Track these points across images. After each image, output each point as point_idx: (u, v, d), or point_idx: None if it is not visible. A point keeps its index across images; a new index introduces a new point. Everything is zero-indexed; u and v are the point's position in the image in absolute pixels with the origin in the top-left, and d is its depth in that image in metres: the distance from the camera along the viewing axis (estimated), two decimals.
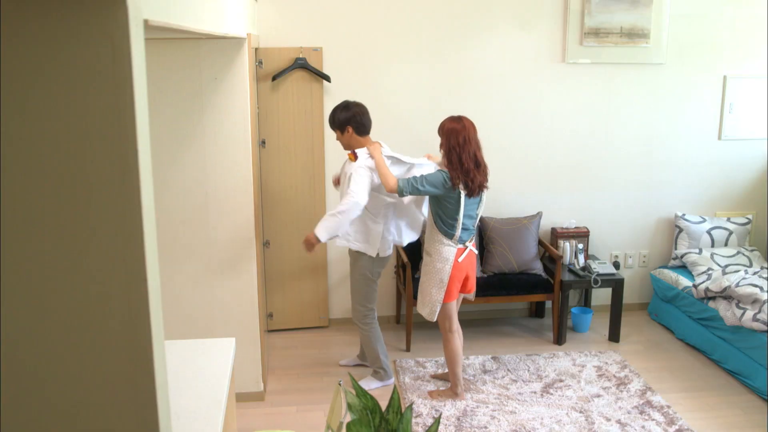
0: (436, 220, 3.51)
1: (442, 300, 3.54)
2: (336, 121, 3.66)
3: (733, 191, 5.05)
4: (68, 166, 1.04)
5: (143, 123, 1.08)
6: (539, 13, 4.59)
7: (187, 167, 3.46)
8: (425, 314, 3.61)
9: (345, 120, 3.63)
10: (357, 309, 3.84)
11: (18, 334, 1.07)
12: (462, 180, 3.39)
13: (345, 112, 3.63)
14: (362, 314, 3.83)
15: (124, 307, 1.08)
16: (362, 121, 3.64)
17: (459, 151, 3.39)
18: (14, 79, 1.00)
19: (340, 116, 3.64)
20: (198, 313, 3.62)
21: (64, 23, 1.00)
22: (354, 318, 3.89)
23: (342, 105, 3.67)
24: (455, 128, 3.42)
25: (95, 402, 1.11)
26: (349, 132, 3.63)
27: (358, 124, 3.63)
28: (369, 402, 2.11)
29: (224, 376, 2.32)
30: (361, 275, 3.77)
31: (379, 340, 3.89)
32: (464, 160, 3.38)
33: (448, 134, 3.43)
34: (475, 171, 3.41)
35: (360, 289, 3.80)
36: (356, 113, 3.63)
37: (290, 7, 4.39)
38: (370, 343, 3.87)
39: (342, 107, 3.66)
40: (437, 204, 3.49)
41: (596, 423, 3.52)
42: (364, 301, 3.82)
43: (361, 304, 3.82)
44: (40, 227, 1.05)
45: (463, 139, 3.39)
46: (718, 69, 4.84)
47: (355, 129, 3.63)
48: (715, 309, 4.19)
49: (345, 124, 3.63)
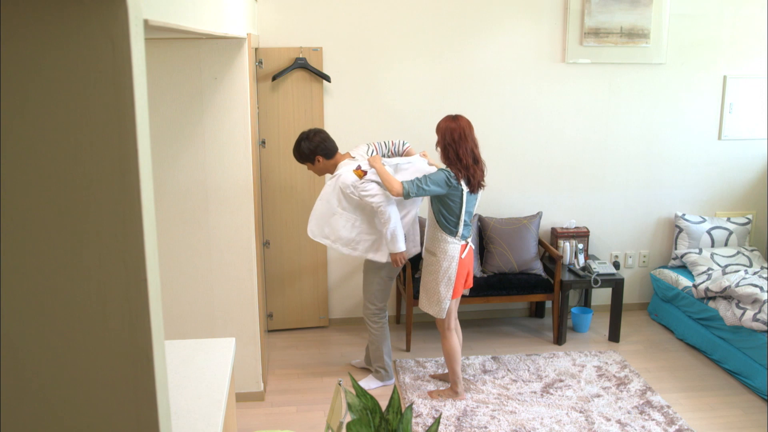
0: (439, 219, 3.52)
1: (451, 297, 3.56)
2: (303, 155, 3.68)
3: (733, 191, 5.05)
4: (68, 165, 1.04)
5: (143, 123, 1.08)
6: (539, 13, 4.59)
7: (187, 167, 3.46)
8: (433, 313, 3.61)
9: (311, 151, 3.65)
10: (368, 307, 3.85)
11: (18, 334, 1.07)
12: (464, 175, 3.42)
13: (308, 142, 3.65)
14: (373, 312, 3.84)
15: (124, 307, 1.08)
16: (327, 146, 3.67)
17: (456, 148, 3.42)
18: (14, 79, 1.00)
19: (305, 148, 3.65)
20: (198, 313, 3.62)
21: (64, 23, 1.00)
22: (365, 316, 3.89)
23: (302, 137, 3.68)
24: (451, 126, 3.46)
25: (95, 402, 1.11)
26: (319, 161, 3.67)
27: (325, 150, 3.66)
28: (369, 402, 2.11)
29: (224, 376, 2.32)
30: (377, 275, 3.78)
31: (386, 340, 3.90)
32: (462, 156, 3.42)
33: (444, 132, 3.47)
34: (474, 167, 3.46)
35: (373, 287, 3.81)
36: (319, 141, 3.65)
37: (290, 7, 4.39)
38: (377, 341, 3.88)
39: (303, 139, 3.67)
40: (440, 203, 3.50)
41: (596, 423, 3.52)
42: (375, 299, 3.83)
43: (373, 303, 3.83)
44: (40, 227, 1.05)
45: (458, 135, 3.42)
46: (718, 69, 4.84)
47: (324, 155, 3.66)
48: (715, 309, 4.19)
49: (313, 155, 3.66)
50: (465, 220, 3.52)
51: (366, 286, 3.85)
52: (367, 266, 3.82)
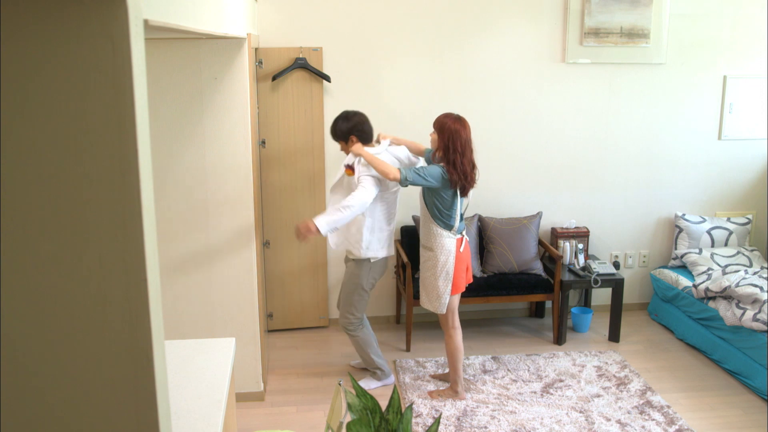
0: (434, 214, 3.52)
1: (450, 292, 3.56)
2: (338, 133, 3.67)
3: (733, 191, 5.05)
4: (68, 165, 1.04)
5: (143, 123, 1.08)
6: (539, 13, 4.59)
7: (187, 167, 3.46)
8: (433, 308, 3.60)
9: (347, 130, 3.64)
10: (345, 316, 3.83)
11: (18, 334, 1.07)
12: (460, 183, 3.43)
13: (346, 122, 3.65)
14: (348, 321, 3.82)
15: (124, 307, 1.08)
16: (364, 129, 3.67)
17: (460, 157, 3.41)
18: (14, 79, 1.00)
19: (342, 127, 3.65)
20: (198, 313, 3.62)
21: (64, 23, 1.00)
22: (343, 326, 3.87)
23: (342, 116, 3.69)
24: (458, 130, 3.43)
25: (95, 402, 1.11)
26: (353, 141, 3.65)
27: (361, 133, 3.65)
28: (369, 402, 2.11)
29: (224, 376, 2.32)
30: (354, 284, 3.76)
31: (369, 344, 3.87)
32: (464, 163, 3.43)
33: (448, 135, 3.43)
34: (471, 174, 3.47)
35: (351, 297, 3.79)
36: (358, 122, 3.65)
37: (290, 7, 4.39)
38: (361, 347, 3.87)
39: (342, 118, 3.67)
40: (435, 196, 3.50)
41: (596, 423, 3.52)
42: (352, 309, 3.80)
43: (350, 312, 3.81)
44: (39, 227, 1.04)
45: (462, 143, 3.42)
46: (718, 69, 4.84)
47: (359, 138, 3.65)
48: (715, 309, 4.19)
49: (348, 134, 3.65)
50: (461, 213, 3.54)
51: (345, 297, 3.82)
52: (348, 278, 3.81)
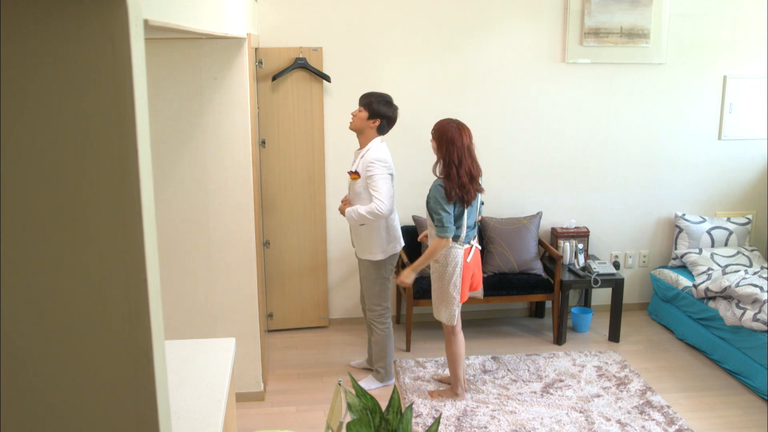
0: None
1: (460, 302, 3.57)
2: (372, 107, 3.61)
3: (733, 191, 5.05)
4: (68, 165, 1.03)
5: (143, 123, 1.08)
6: (539, 13, 4.59)
7: (187, 167, 3.46)
8: (444, 320, 3.61)
9: (381, 113, 3.61)
10: (374, 309, 3.84)
11: (18, 334, 1.07)
12: (458, 196, 3.40)
13: (386, 107, 3.62)
14: (378, 314, 3.84)
15: (124, 307, 1.08)
16: (390, 124, 3.68)
17: (457, 169, 3.38)
18: (14, 79, 1.00)
19: (380, 108, 3.61)
20: (198, 313, 3.62)
21: (64, 23, 1.00)
22: (370, 318, 3.88)
23: (387, 98, 3.65)
24: (454, 139, 3.39)
25: (95, 402, 1.11)
26: (375, 123, 3.62)
27: (389, 120, 3.65)
28: (369, 402, 2.11)
29: (224, 376, 2.32)
30: (374, 277, 3.78)
31: (390, 341, 3.90)
32: (461, 175, 3.39)
33: (446, 146, 3.41)
34: (470, 185, 3.42)
35: (373, 289, 3.81)
36: (393, 115, 3.66)
37: (290, 7, 4.39)
38: (383, 341, 3.88)
39: (386, 101, 3.64)
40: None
41: (596, 423, 3.52)
42: (379, 300, 3.83)
43: (377, 304, 3.83)
44: (39, 227, 1.04)
45: (459, 153, 3.39)
46: (718, 69, 4.84)
47: (381, 126, 3.64)
48: (715, 309, 4.19)
49: (378, 115, 3.61)
50: (468, 223, 3.52)
51: (367, 290, 3.84)
52: (364, 272, 3.82)
